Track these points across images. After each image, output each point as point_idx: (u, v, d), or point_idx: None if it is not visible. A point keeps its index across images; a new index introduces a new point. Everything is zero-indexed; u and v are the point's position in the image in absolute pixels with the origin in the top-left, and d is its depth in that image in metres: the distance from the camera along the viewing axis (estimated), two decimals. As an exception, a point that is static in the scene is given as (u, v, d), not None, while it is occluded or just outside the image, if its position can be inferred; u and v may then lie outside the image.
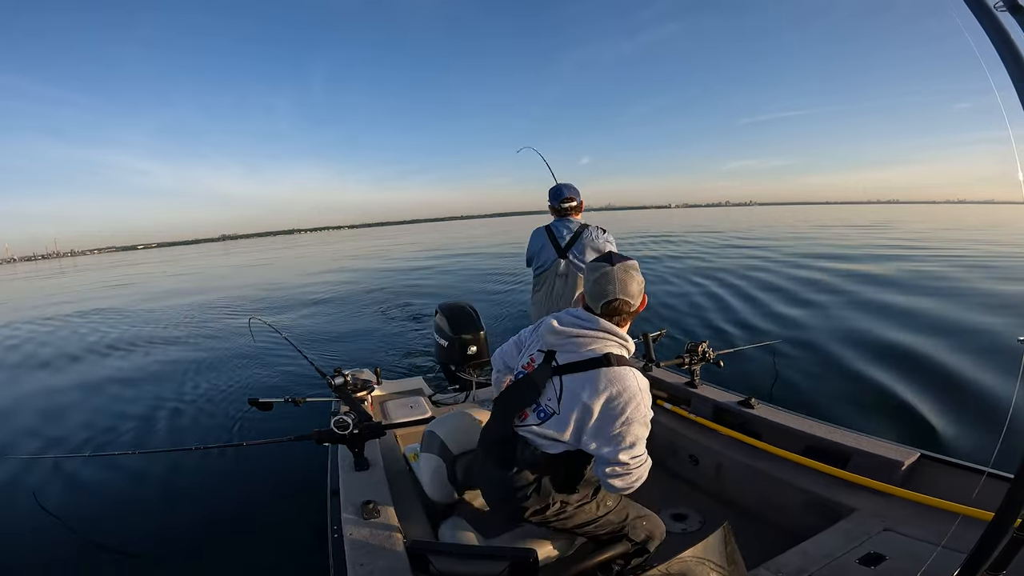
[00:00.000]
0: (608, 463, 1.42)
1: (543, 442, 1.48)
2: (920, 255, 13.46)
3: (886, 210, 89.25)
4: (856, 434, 2.13)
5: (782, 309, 7.61)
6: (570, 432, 1.43)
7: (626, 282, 1.45)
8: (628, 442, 1.39)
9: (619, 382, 1.38)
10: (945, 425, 3.68)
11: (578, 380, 1.43)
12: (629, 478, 1.44)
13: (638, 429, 1.41)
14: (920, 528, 1.61)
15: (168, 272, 28.19)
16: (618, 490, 1.48)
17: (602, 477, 1.46)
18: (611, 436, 1.39)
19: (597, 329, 1.45)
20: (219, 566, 2.62)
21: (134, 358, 7.51)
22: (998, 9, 0.86)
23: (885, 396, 4.26)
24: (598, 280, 1.46)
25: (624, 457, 1.39)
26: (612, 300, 1.45)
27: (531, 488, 1.51)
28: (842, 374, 4.87)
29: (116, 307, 13.74)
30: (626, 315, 1.49)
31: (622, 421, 1.38)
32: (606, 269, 1.45)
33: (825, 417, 2.36)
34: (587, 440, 1.43)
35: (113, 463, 3.70)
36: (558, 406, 1.45)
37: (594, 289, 1.47)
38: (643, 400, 1.40)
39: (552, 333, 1.50)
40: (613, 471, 1.42)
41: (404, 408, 2.86)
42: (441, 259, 20.80)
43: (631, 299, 1.46)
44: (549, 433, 1.46)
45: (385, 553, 1.53)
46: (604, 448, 1.41)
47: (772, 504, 2.15)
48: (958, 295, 7.90)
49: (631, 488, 1.47)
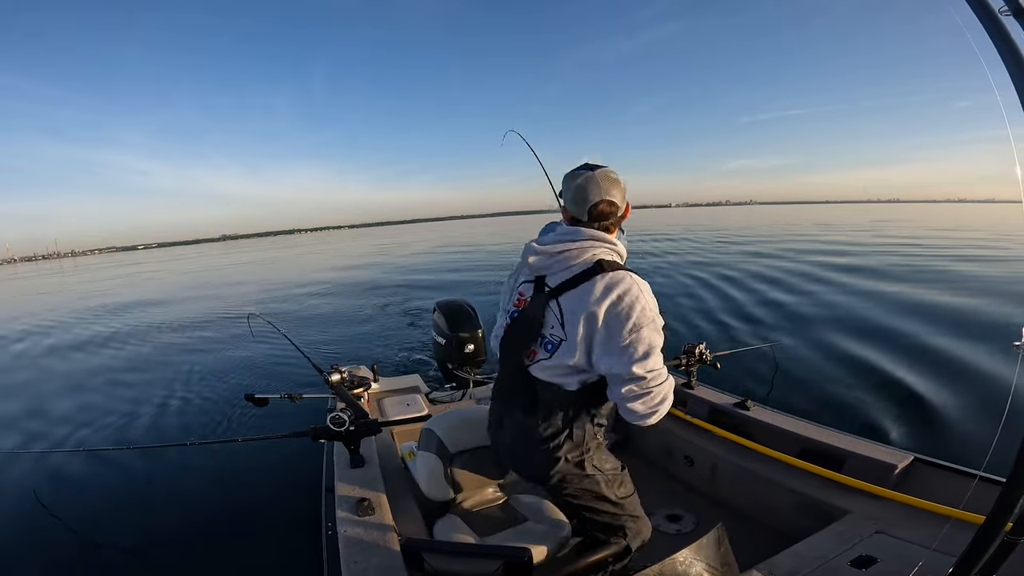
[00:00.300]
0: (623, 381, 1.29)
1: (561, 379, 1.38)
2: (918, 255, 13.50)
3: (886, 209, 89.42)
4: (850, 437, 2.14)
5: (780, 311, 7.63)
6: (581, 354, 1.33)
7: (609, 186, 1.37)
8: (641, 351, 1.27)
9: (618, 286, 1.29)
10: (939, 428, 3.70)
11: (576, 296, 1.33)
12: (649, 399, 1.30)
13: (650, 335, 1.28)
14: (912, 531, 1.62)
15: (170, 270, 28.16)
16: (640, 417, 1.32)
17: (620, 403, 1.33)
18: (621, 348, 1.27)
19: (583, 239, 1.36)
20: (213, 562, 2.62)
21: (131, 353, 7.52)
22: (1003, 13, 0.85)
23: (880, 399, 4.28)
24: (581, 185, 1.37)
25: (639, 370, 1.27)
26: (598, 202, 1.36)
27: (564, 435, 1.41)
28: (838, 377, 4.88)
29: (115, 303, 13.72)
30: (612, 221, 1.41)
31: (630, 328, 1.26)
32: (588, 174, 1.38)
33: (820, 420, 2.37)
34: (598, 362, 1.32)
35: (106, 458, 3.69)
36: (563, 331, 1.34)
37: (577, 195, 1.38)
38: (648, 302, 1.30)
39: (535, 255, 1.40)
40: (630, 390, 1.29)
41: (401, 406, 2.87)
42: (441, 258, 20.80)
43: (616, 201, 1.38)
44: (563, 363, 1.36)
45: (379, 551, 1.53)
46: (616, 364, 1.29)
47: (766, 506, 2.16)
48: (954, 297, 7.92)
49: (655, 413, 1.32)
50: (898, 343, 5.75)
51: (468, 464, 1.90)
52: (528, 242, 1.45)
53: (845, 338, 6.05)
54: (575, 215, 1.41)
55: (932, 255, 13.88)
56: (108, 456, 3.73)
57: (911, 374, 4.78)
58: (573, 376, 1.38)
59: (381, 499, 1.80)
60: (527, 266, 1.44)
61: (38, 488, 3.38)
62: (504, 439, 1.59)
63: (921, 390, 4.39)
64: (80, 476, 3.55)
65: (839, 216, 48.40)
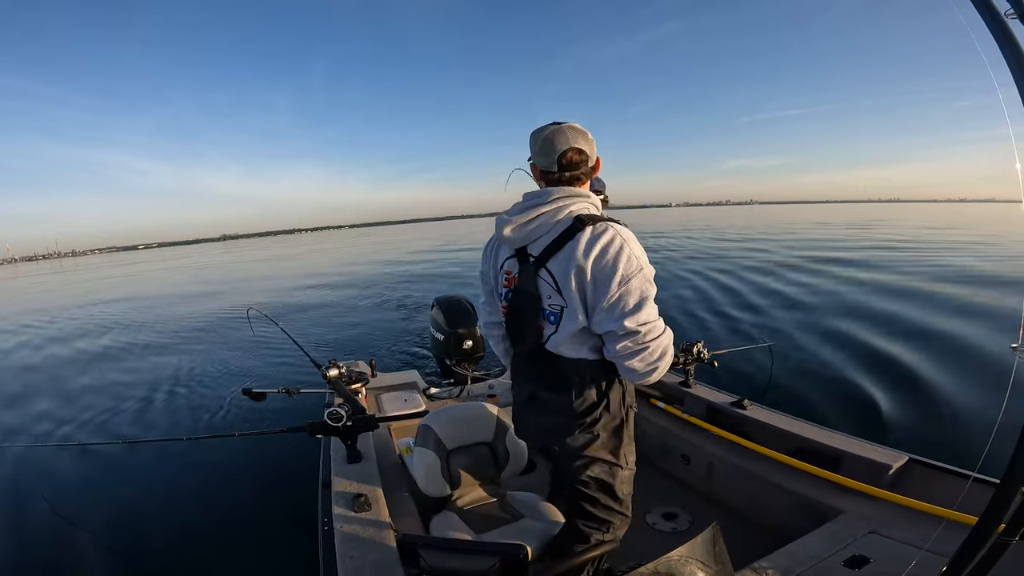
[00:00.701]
0: (617, 337, 1.23)
1: (577, 350, 1.33)
2: (916, 255, 13.51)
3: (886, 209, 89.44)
4: (845, 437, 2.15)
5: (778, 311, 7.64)
6: (584, 317, 1.28)
7: (576, 135, 1.32)
8: (632, 303, 1.22)
9: (601, 238, 1.24)
10: (934, 429, 3.71)
11: (563, 259, 1.27)
12: (647, 354, 1.24)
13: (640, 284, 1.23)
14: (905, 531, 1.63)
15: (171, 268, 28.10)
16: (640, 375, 1.27)
17: (619, 363, 1.27)
18: (613, 303, 1.22)
19: (553, 197, 1.30)
20: (209, 557, 2.62)
21: (128, 349, 7.51)
22: (1008, 16, 0.85)
23: (876, 399, 4.29)
24: (548, 137, 1.32)
25: (631, 323, 1.21)
26: (566, 150, 1.30)
27: (599, 407, 1.36)
28: (835, 377, 4.89)
29: (115, 298, 13.69)
30: (583, 171, 1.35)
31: (618, 280, 1.21)
32: (554, 127, 1.34)
33: (816, 419, 2.37)
34: (592, 321, 1.27)
35: (101, 453, 3.69)
36: (562, 298, 1.30)
37: (545, 146, 1.33)
38: (634, 250, 1.24)
39: (509, 226, 1.35)
40: (625, 347, 1.23)
41: (398, 401, 2.87)
42: (442, 255, 20.77)
43: (585, 151, 1.33)
44: (572, 331, 1.30)
45: (375, 546, 1.53)
46: (607, 320, 1.24)
47: (761, 505, 2.17)
48: (952, 298, 7.94)
49: (654, 370, 1.26)
50: (895, 343, 5.76)
51: (465, 461, 1.91)
52: (499, 215, 1.40)
53: (842, 338, 6.06)
54: (544, 167, 1.36)
55: (931, 253, 13.89)
56: (103, 450, 3.73)
57: (907, 374, 4.79)
58: (586, 344, 1.34)
59: (378, 495, 1.80)
60: (504, 240, 1.39)
61: (31, 482, 3.38)
62: (534, 420, 1.52)
63: (917, 390, 4.41)
64: (75, 470, 3.54)
65: (840, 215, 48.44)
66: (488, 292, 1.61)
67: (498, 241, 1.47)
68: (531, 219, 1.32)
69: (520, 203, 1.37)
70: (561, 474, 1.56)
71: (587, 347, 1.34)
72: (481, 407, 2.01)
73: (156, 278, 21.69)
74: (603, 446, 1.40)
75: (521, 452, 1.94)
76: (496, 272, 1.51)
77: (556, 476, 1.97)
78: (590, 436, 1.39)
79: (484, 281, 1.61)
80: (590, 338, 1.33)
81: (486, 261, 1.56)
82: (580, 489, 1.47)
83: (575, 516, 1.52)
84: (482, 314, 1.68)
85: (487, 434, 1.96)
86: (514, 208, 1.38)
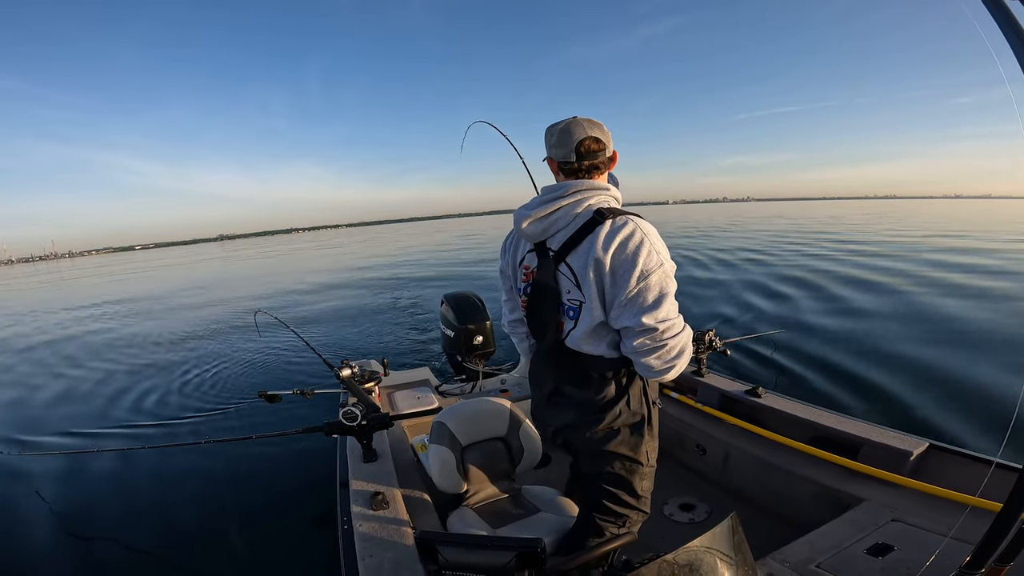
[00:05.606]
0: (634, 333, 1.22)
1: (597, 347, 1.32)
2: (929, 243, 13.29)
3: (885, 205, 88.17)
4: (864, 424, 2.13)
5: (790, 299, 7.57)
6: (602, 312, 1.26)
7: (592, 126, 1.30)
8: (651, 299, 1.20)
9: (620, 232, 1.22)
10: (954, 415, 3.66)
11: (583, 252, 1.25)
12: (664, 352, 1.22)
13: (660, 280, 1.20)
14: (928, 519, 1.61)
15: (172, 268, 28.41)
16: (657, 373, 1.25)
17: (635, 359, 1.26)
18: (631, 298, 1.20)
19: (572, 190, 1.29)
20: (230, 558, 2.66)
21: (142, 355, 7.59)
22: None
23: (893, 384, 4.24)
24: (564, 128, 1.31)
25: (649, 320, 1.19)
26: (583, 139, 1.29)
27: (619, 403, 1.35)
28: (849, 363, 4.84)
29: (123, 299, 13.86)
30: (601, 160, 1.33)
31: (637, 276, 1.19)
32: (569, 119, 1.32)
33: (833, 407, 2.35)
34: (611, 316, 1.26)
35: (122, 458, 3.74)
36: (581, 293, 1.28)
37: (561, 138, 1.31)
38: (655, 245, 1.22)
39: (528, 220, 1.33)
40: (642, 343, 1.21)
41: (411, 399, 2.88)
42: (446, 253, 20.79)
43: (602, 139, 1.31)
44: (591, 327, 1.29)
45: (394, 544, 1.55)
46: (625, 315, 1.22)
47: (779, 494, 2.15)
48: (968, 285, 7.81)
49: (671, 368, 1.24)
50: (910, 328, 5.69)
51: (480, 456, 1.91)
52: (518, 208, 1.39)
53: (855, 325, 5.99)
54: (562, 159, 1.33)
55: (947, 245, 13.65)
56: (123, 455, 3.77)
57: (925, 359, 4.73)
58: (605, 340, 1.32)
59: (395, 493, 1.81)
60: (523, 235, 1.38)
61: (54, 488, 3.44)
62: (555, 415, 1.50)
63: (935, 375, 4.35)
64: (97, 476, 3.60)
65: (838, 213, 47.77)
66: (508, 289, 1.60)
67: (517, 235, 1.45)
68: (550, 212, 1.30)
69: (539, 196, 1.36)
70: (580, 469, 1.56)
71: (606, 343, 1.33)
72: (494, 402, 2.01)
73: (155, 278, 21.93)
74: (624, 442, 1.39)
75: (535, 446, 1.94)
76: (515, 267, 1.49)
77: (575, 471, 1.98)
78: (611, 432, 1.38)
79: (504, 278, 1.60)
80: (609, 334, 1.32)
81: (505, 256, 1.55)
82: (599, 484, 1.46)
83: (592, 510, 1.52)
84: (504, 312, 1.68)
85: (501, 429, 1.96)
86: (532, 201, 1.36)
